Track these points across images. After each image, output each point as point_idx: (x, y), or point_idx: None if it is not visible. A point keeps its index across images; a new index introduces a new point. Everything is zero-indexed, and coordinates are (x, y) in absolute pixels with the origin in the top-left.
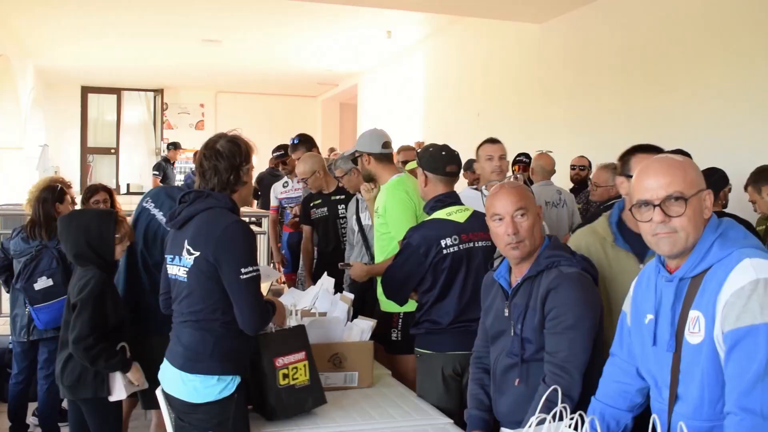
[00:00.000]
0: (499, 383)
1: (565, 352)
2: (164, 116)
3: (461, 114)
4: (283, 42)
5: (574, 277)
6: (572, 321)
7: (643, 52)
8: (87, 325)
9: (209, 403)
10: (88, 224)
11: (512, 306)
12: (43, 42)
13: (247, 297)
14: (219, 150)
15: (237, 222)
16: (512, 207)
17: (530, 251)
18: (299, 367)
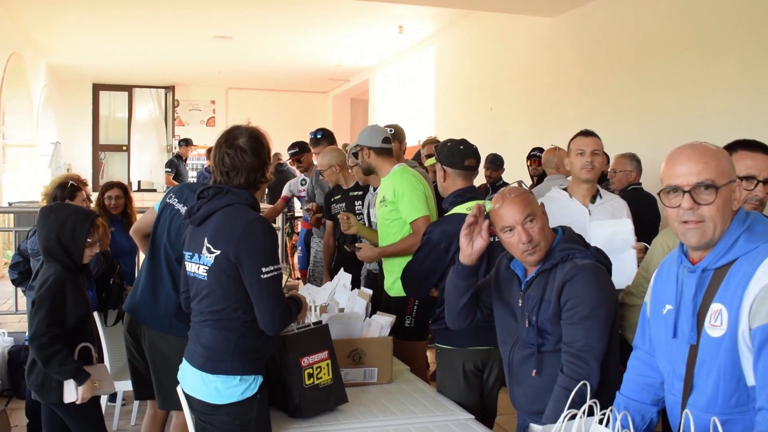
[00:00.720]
0: (515, 374)
1: (582, 342)
2: (175, 113)
3: (473, 109)
4: (294, 38)
5: (588, 269)
6: (588, 311)
7: (656, 46)
8: (43, 323)
9: (231, 404)
10: (64, 220)
11: (526, 297)
12: (55, 39)
13: (268, 297)
14: (243, 148)
15: (258, 219)
16: (521, 216)
17: (546, 251)
18: (323, 367)
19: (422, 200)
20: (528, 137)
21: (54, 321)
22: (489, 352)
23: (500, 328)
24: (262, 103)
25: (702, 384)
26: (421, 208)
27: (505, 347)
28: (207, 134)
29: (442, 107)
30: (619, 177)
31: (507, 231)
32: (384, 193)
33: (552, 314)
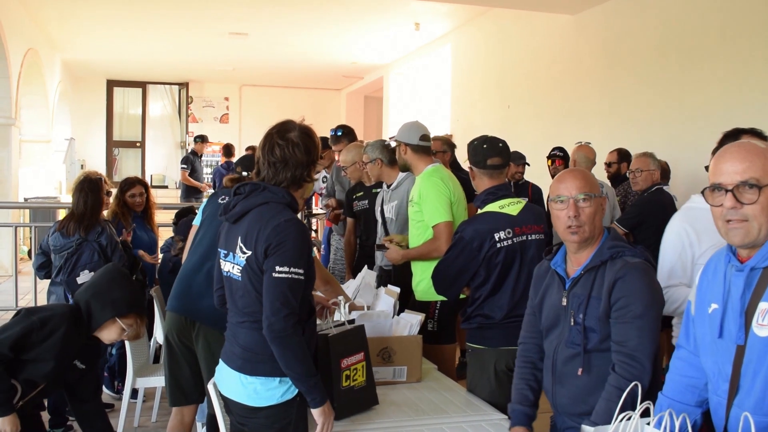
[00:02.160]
0: (559, 374)
1: (635, 341)
2: (189, 109)
3: (490, 106)
4: (309, 35)
5: (640, 267)
6: (641, 310)
7: (679, 42)
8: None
9: (271, 407)
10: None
11: (571, 296)
12: (71, 35)
13: (272, 297)
14: (295, 142)
15: (290, 220)
16: (576, 191)
17: (588, 238)
18: (359, 368)
19: (446, 205)
20: (546, 136)
21: (19, 346)
22: None
23: (545, 329)
24: (275, 100)
25: (749, 385)
26: (444, 214)
27: (550, 348)
28: (220, 131)
29: (458, 105)
30: (644, 177)
31: (558, 201)
32: (413, 193)
33: (601, 312)
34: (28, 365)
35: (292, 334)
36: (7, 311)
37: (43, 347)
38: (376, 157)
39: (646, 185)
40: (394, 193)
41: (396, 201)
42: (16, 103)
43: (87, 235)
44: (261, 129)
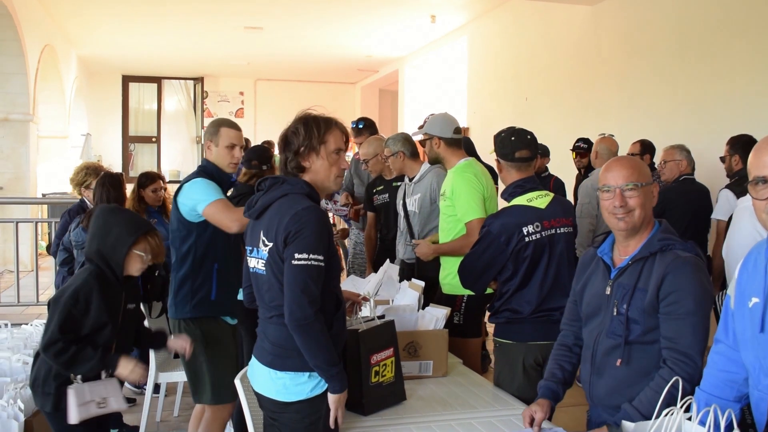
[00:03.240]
0: (599, 365)
1: (689, 339)
2: (204, 104)
3: (507, 99)
4: (324, 28)
5: (692, 262)
6: (693, 306)
7: (700, 33)
8: (57, 330)
9: (300, 402)
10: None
11: (616, 285)
12: (86, 31)
13: (292, 285)
14: (286, 134)
15: (309, 208)
16: (622, 180)
17: (636, 226)
18: (388, 364)
19: (479, 201)
20: (565, 129)
21: (68, 328)
22: (549, 346)
23: (585, 317)
24: (289, 94)
25: None
26: (477, 210)
27: (590, 338)
28: None
29: (475, 98)
30: (670, 167)
31: (605, 191)
32: (445, 187)
33: (647, 304)
34: (92, 337)
35: (313, 321)
36: (28, 306)
37: (91, 317)
38: (398, 149)
39: (672, 176)
40: (417, 186)
41: (419, 194)
42: (34, 100)
43: None
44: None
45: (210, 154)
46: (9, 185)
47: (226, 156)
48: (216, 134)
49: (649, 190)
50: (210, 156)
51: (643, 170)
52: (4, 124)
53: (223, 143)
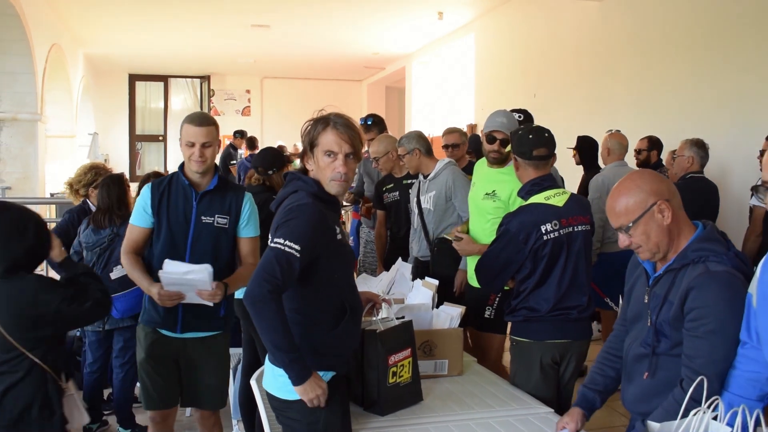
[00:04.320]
0: (629, 371)
1: (704, 359)
2: (211, 103)
3: (516, 95)
4: (331, 26)
5: (721, 277)
6: (714, 325)
7: (711, 28)
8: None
9: (301, 401)
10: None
11: (652, 294)
12: (93, 30)
13: (259, 264)
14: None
15: (304, 204)
16: (616, 224)
17: (653, 256)
18: (405, 365)
19: None
20: (574, 125)
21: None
22: (567, 345)
23: (629, 322)
24: (296, 92)
25: None
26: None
27: (628, 340)
28: (242, 124)
29: (482, 94)
30: (678, 162)
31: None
32: (496, 188)
33: (672, 318)
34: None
35: (267, 301)
36: None
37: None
38: (413, 147)
39: (680, 171)
40: (432, 183)
41: (434, 191)
42: (42, 99)
43: (119, 228)
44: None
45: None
46: (17, 185)
47: (185, 154)
48: (180, 130)
49: (649, 218)
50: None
51: (631, 203)
52: (12, 124)
53: (183, 140)
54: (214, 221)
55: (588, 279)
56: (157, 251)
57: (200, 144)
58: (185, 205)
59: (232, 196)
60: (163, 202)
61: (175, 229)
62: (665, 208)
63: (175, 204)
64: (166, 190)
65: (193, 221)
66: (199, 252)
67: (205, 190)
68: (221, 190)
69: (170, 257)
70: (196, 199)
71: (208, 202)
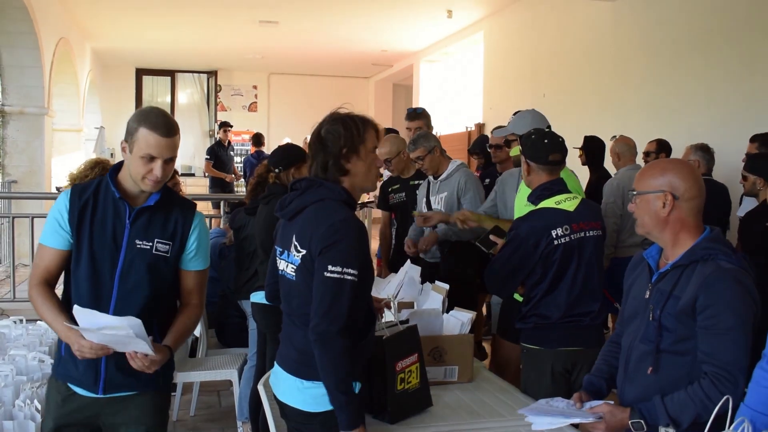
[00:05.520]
0: (631, 371)
1: (730, 356)
2: (218, 98)
3: (525, 95)
4: (340, 23)
5: (732, 274)
6: (733, 321)
7: (724, 31)
8: None
9: (327, 413)
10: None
11: (655, 290)
12: (101, 24)
13: (322, 297)
14: (321, 135)
15: (347, 219)
16: (635, 184)
17: (648, 234)
18: (413, 370)
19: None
20: (583, 126)
21: None
22: (578, 353)
23: (625, 319)
24: (303, 88)
25: None
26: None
27: (626, 342)
28: (249, 119)
29: (491, 93)
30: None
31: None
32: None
33: (678, 311)
34: None
35: (335, 338)
36: None
37: None
38: (433, 145)
39: None
40: (443, 184)
41: (446, 192)
42: (49, 93)
43: None
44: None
45: (125, 158)
46: (24, 179)
47: (137, 167)
48: (134, 134)
49: (651, 199)
50: (126, 160)
51: (651, 178)
52: (19, 118)
53: (137, 149)
54: (153, 247)
55: (600, 285)
56: (74, 282)
57: (163, 159)
58: (115, 224)
59: (179, 215)
60: (86, 216)
61: (99, 254)
62: (668, 202)
63: (101, 221)
64: (90, 201)
65: (124, 246)
66: (129, 286)
67: (142, 205)
68: (164, 206)
69: (91, 291)
70: (130, 217)
71: (145, 222)
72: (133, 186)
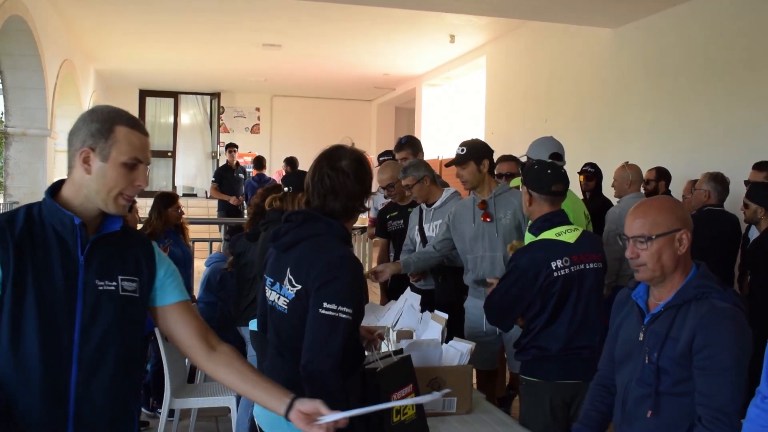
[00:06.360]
0: (628, 414)
1: (726, 397)
2: (220, 120)
3: (527, 120)
4: (343, 46)
5: (728, 313)
6: (731, 362)
7: (725, 58)
8: None
9: None
10: None
11: (649, 332)
12: (105, 46)
13: (315, 334)
14: (346, 171)
15: (344, 256)
16: (635, 230)
17: (654, 278)
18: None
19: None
20: (585, 151)
21: None
22: (578, 386)
23: (618, 362)
24: (305, 111)
25: None
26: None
27: (621, 384)
28: (252, 141)
29: (493, 118)
30: (696, 195)
31: (623, 238)
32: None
33: (678, 355)
34: None
35: (329, 375)
36: None
37: None
38: (423, 175)
39: (696, 204)
40: (438, 212)
41: (440, 220)
42: (52, 115)
43: None
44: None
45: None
46: (25, 199)
47: (117, 179)
48: (107, 135)
49: (669, 240)
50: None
51: (661, 218)
52: (21, 139)
53: (118, 156)
54: (119, 287)
55: (600, 318)
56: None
57: (147, 164)
58: (64, 261)
59: (137, 244)
60: (24, 257)
61: (50, 306)
62: (685, 239)
63: (43, 258)
64: (25, 236)
65: (79, 288)
66: (93, 344)
67: (99, 233)
68: (122, 233)
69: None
70: (83, 251)
71: (104, 256)
72: (89, 209)
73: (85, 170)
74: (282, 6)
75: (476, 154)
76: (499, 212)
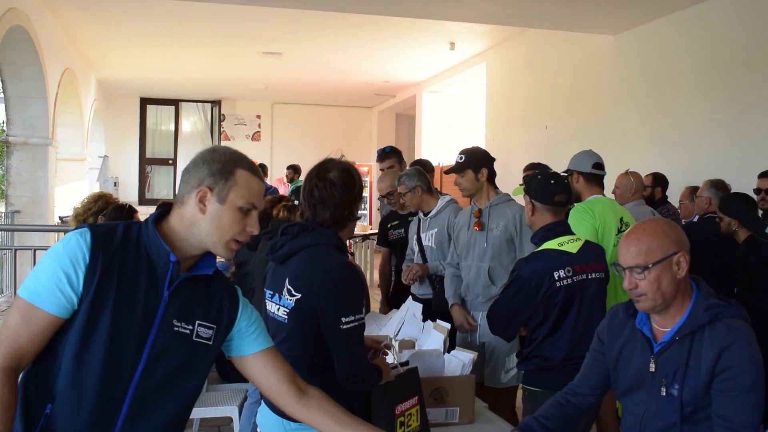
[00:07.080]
0: None
1: (744, 417)
2: (221, 127)
3: (527, 127)
4: (343, 54)
5: (745, 332)
6: (750, 382)
7: (728, 63)
8: None
9: None
10: None
11: (661, 362)
12: (106, 55)
13: (348, 348)
14: (333, 181)
15: (343, 265)
16: (629, 260)
17: (656, 307)
18: (413, 413)
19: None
20: None
21: None
22: None
23: (625, 391)
24: (306, 118)
25: None
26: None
27: (635, 414)
28: (252, 149)
29: (493, 124)
30: (697, 202)
31: (619, 267)
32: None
33: (701, 384)
34: None
35: (370, 372)
36: None
37: None
38: (415, 185)
39: (697, 211)
40: (434, 221)
41: (436, 228)
42: (53, 123)
43: None
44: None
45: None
46: (26, 208)
47: (232, 223)
48: (228, 177)
49: (667, 266)
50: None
51: (655, 244)
52: (23, 148)
53: (236, 200)
54: (194, 332)
55: None
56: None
57: (259, 210)
58: (148, 292)
59: (223, 291)
60: (112, 275)
61: (123, 332)
62: (683, 261)
63: (131, 285)
64: (117, 257)
65: (156, 324)
66: (151, 385)
67: (190, 273)
68: (210, 278)
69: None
70: (169, 288)
71: (188, 297)
72: (192, 246)
73: (199, 209)
74: (282, 14)
75: (474, 162)
76: (491, 222)
